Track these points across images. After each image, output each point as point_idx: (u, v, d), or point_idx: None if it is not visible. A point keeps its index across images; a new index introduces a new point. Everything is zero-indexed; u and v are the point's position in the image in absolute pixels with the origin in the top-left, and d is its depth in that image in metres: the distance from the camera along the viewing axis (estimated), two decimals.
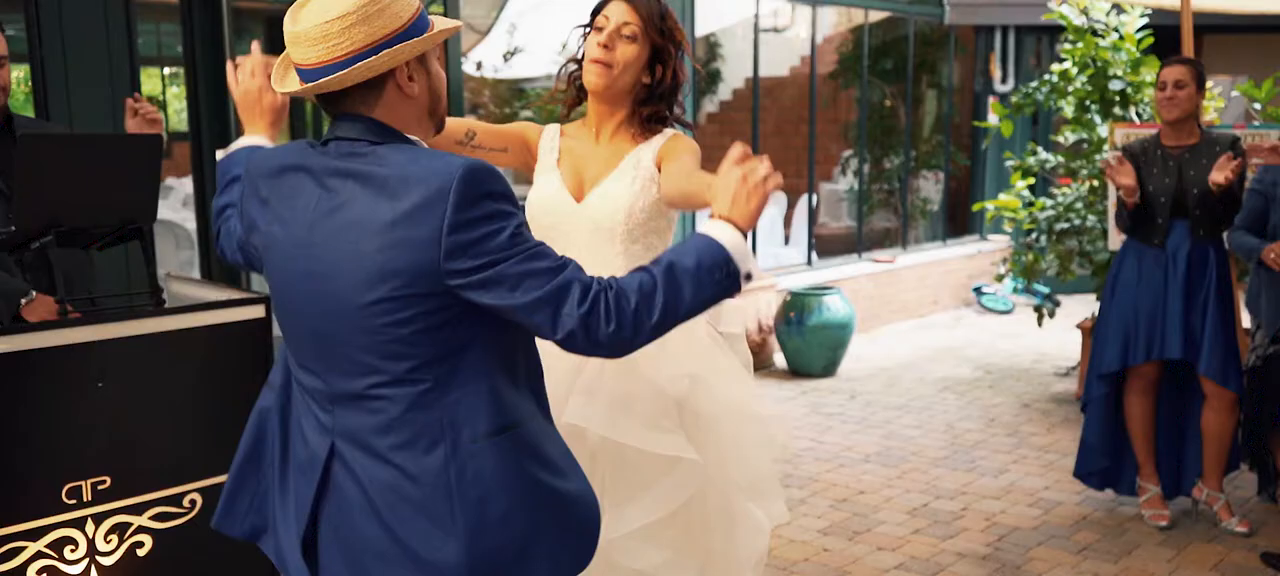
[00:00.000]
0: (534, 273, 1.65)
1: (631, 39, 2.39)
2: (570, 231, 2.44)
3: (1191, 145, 4.23)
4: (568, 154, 2.52)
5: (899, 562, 4.07)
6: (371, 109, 1.73)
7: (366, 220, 1.65)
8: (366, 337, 1.68)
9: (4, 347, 2.39)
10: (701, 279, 1.73)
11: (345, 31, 1.65)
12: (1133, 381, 4.40)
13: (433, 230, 1.61)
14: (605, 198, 2.43)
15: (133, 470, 2.60)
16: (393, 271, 1.63)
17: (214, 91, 5.14)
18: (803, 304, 7.10)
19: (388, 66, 1.69)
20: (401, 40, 1.69)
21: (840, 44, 10.40)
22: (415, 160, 1.67)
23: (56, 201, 2.54)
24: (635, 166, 2.44)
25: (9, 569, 2.43)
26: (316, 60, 1.67)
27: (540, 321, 1.67)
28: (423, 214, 1.61)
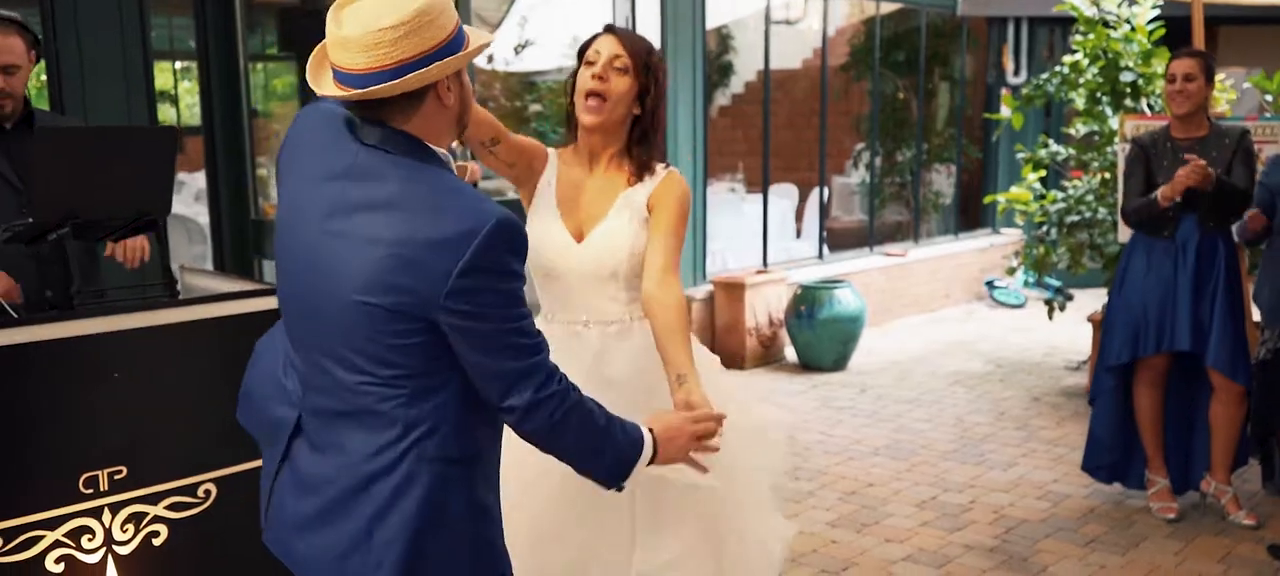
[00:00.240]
0: (516, 347, 1.72)
1: (623, 71, 2.44)
2: (568, 271, 2.50)
3: (1201, 138, 4.23)
4: (563, 183, 2.56)
5: (907, 554, 4.09)
6: (407, 119, 1.74)
7: (388, 232, 1.67)
8: (353, 335, 1.71)
9: (22, 338, 2.43)
10: (612, 462, 1.89)
11: (396, 41, 1.65)
12: (1142, 373, 4.40)
13: (448, 266, 1.64)
14: (606, 239, 2.48)
15: (148, 460, 2.63)
16: (396, 287, 1.66)
17: (226, 86, 5.19)
18: (814, 297, 7.11)
19: (436, 78, 1.72)
20: (447, 53, 1.71)
21: (852, 36, 10.38)
22: (454, 194, 1.71)
23: (73, 194, 2.58)
24: (629, 207, 2.49)
25: (29, 557, 2.47)
26: (364, 66, 1.67)
27: (490, 388, 1.74)
28: (445, 247, 1.64)
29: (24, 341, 2.43)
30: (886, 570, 3.95)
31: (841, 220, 10.22)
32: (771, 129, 8.33)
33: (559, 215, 2.53)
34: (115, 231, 2.80)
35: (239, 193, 5.18)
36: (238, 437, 2.79)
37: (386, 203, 1.69)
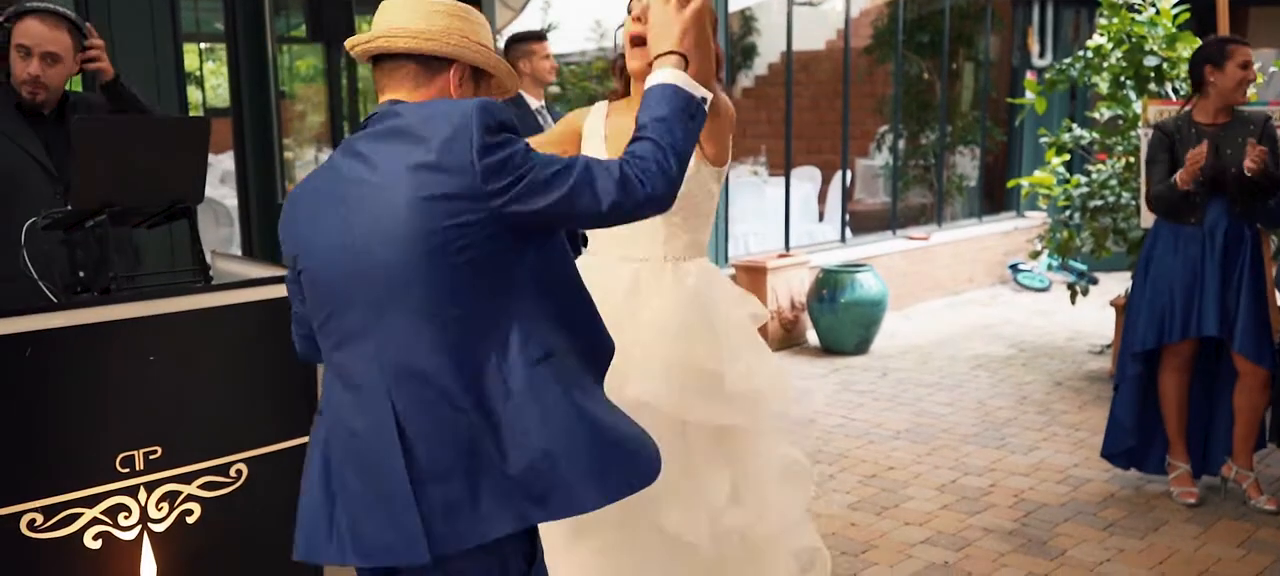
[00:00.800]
0: (558, 172, 1.81)
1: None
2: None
3: (1224, 123, 4.23)
4: (613, 130, 2.66)
5: (926, 537, 4.12)
6: (412, 95, 1.89)
7: (398, 167, 1.78)
8: (417, 284, 1.77)
9: (60, 322, 2.49)
10: (684, 118, 1.91)
11: (432, 15, 1.88)
12: (1168, 359, 4.41)
13: (464, 160, 1.75)
14: None
15: (182, 441, 2.70)
16: (434, 202, 1.75)
17: (255, 67, 5.24)
18: (836, 281, 7.14)
19: (452, 51, 1.87)
20: (474, 48, 1.90)
21: (876, 17, 10.36)
22: (430, 106, 1.84)
23: (110, 182, 2.64)
24: None
25: (68, 533, 2.54)
26: (401, 24, 1.87)
27: (585, 204, 1.82)
28: (450, 146, 1.76)
29: (63, 325, 2.50)
30: (905, 552, 3.99)
31: (864, 203, 10.22)
32: (794, 111, 8.33)
33: (606, 151, 2.63)
34: (150, 219, 2.86)
35: (267, 176, 5.24)
36: (268, 419, 2.87)
37: (386, 149, 1.82)
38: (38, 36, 3.12)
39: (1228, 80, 4.21)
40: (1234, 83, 4.20)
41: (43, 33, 3.12)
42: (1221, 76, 4.21)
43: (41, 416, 2.50)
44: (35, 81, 3.14)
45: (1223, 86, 4.22)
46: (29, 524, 2.50)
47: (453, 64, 1.90)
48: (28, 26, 3.12)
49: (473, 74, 1.94)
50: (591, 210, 1.82)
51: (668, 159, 1.86)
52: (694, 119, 1.93)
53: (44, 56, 3.13)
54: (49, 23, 3.12)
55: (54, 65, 3.15)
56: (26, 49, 3.12)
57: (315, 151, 9.90)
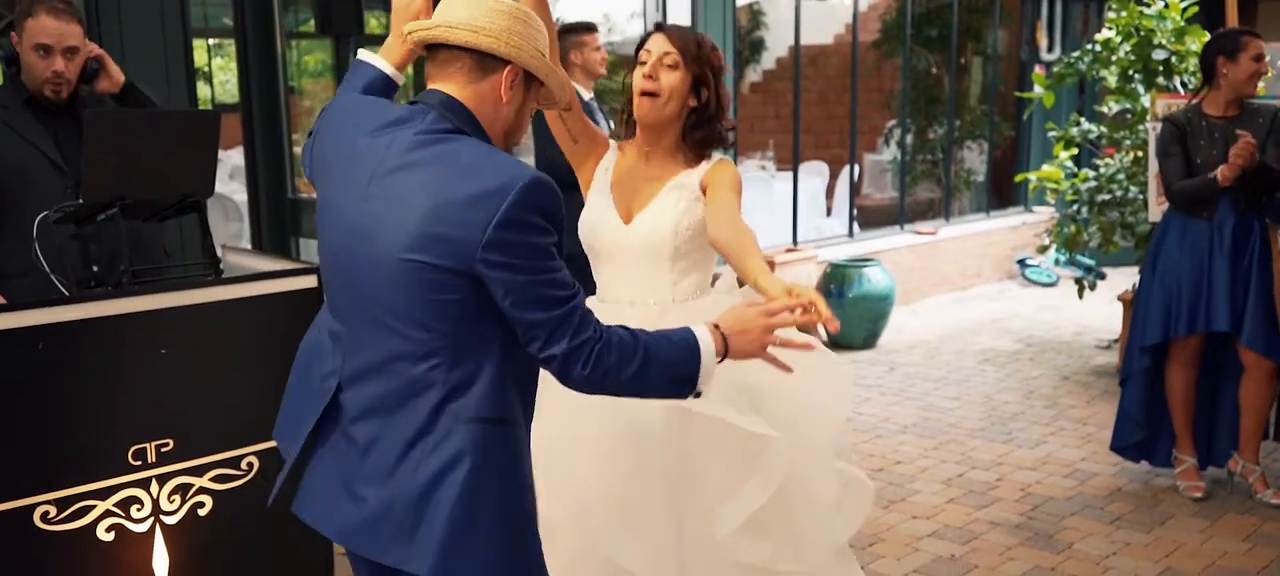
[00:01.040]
0: (549, 298, 1.79)
1: (673, 67, 2.56)
2: (618, 252, 2.62)
3: (1234, 116, 4.23)
4: (619, 170, 2.69)
5: (933, 530, 4.14)
6: (463, 89, 1.89)
7: (429, 189, 1.78)
8: (395, 297, 1.81)
9: (73, 316, 2.52)
10: (668, 378, 1.91)
11: (494, 15, 1.87)
12: (1176, 353, 4.41)
13: (484, 219, 1.73)
14: (652, 218, 2.59)
15: (194, 433, 2.72)
16: (436, 241, 1.76)
17: (264, 63, 5.27)
18: (843, 276, 7.14)
19: (507, 52, 1.87)
20: (528, 53, 1.89)
21: (884, 12, 10.34)
22: (491, 156, 1.82)
23: (121, 176, 2.66)
24: (679, 188, 2.60)
25: (81, 525, 2.57)
26: (460, 20, 1.86)
27: (536, 336, 1.80)
28: (482, 201, 1.74)
29: (76, 319, 2.52)
30: (912, 545, 4.00)
31: (872, 198, 10.22)
32: (802, 105, 8.33)
33: (612, 199, 2.66)
34: (160, 213, 2.88)
35: (276, 171, 5.27)
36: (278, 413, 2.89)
37: (427, 162, 1.81)
38: (57, 33, 3.11)
39: (1240, 72, 4.21)
40: (1247, 75, 4.21)
41: (60, 28, 3.11)
42: (1234, 68, 4.22)
43: (54, 409, 2.53)
44: (59, 78, 3.14)
45: (1235, 78, 4.22)
46: (42, 516, 2.52)
47: (507, 65, 1.89)
48: (44, 25, 3.10)
49: (525, 78, 1.93)
50: (535, 345, 1.82)
51: (621, 378, 1.85)
52: (674, 393, 1.93)
53: (65, 52, 3.13)
54: (62, 16, 3.11)
55: (73, 58, 3.16)
56: (47, 47, 3.11)
57: None
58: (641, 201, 2.63)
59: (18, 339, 2.45)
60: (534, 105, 1.99)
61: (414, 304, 1.80)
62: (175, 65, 4.76)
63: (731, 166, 2.65)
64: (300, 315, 2.90)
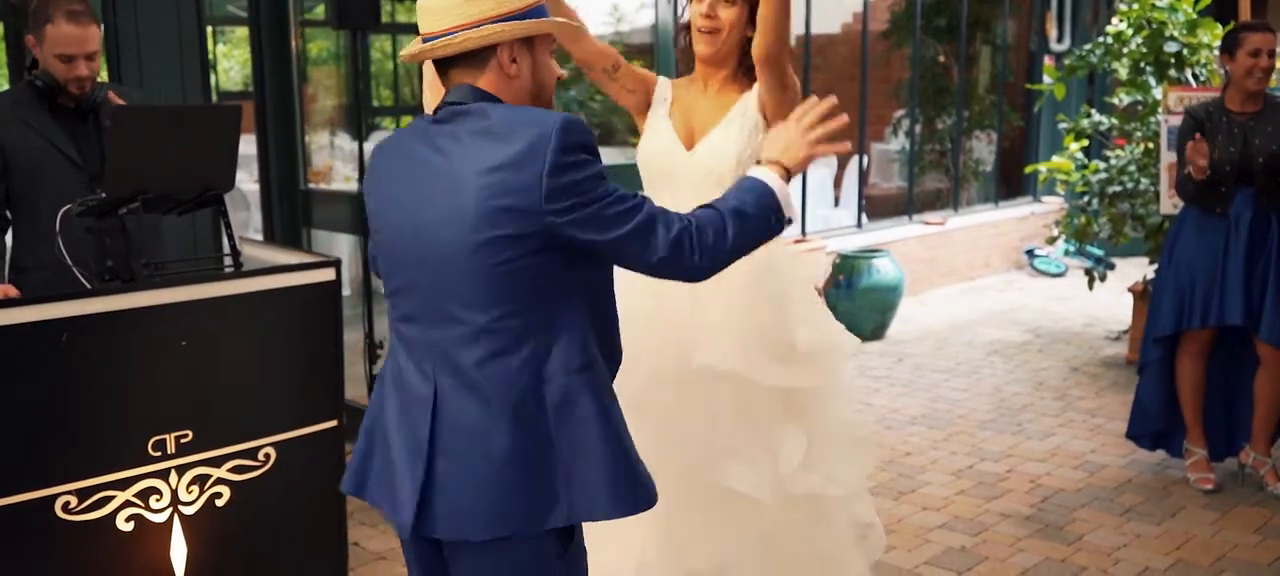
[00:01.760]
0: (622, 212, 1.84)
1: (731, 2, 2.62)
2: (680, 178, 2.68)
3: (1257, 112, 4.22)
4: (678, 104, 2.77)
5: (943, 522, 4.15)
6: (476, 81, 1.91)
7: (472, 165, 1.82)
8: (472, 281, 1.83)
9: (96, 308, 2.54)
10: (759, 222, 1.98)
11: (458, 7, 1.87)
12: (1186, 344, 4.42)
13: (535, 174, 1.78)
14: (713, 146, 2.66)
15: (212, 425, 2.75)
16: (498, 210, 1.79)
17: (277, 53, 5.27)
18: (852, 266, 7.15)
19: (487, 41, 1.88)
20: (507, 22, 1.88)
21: (893, 1, 10.32)
22: (517, 112, 1.87)
23: (143, 170, 2.68)
24: (742, 116, 2.66)
25: (101, 515, 2.59)
26: (432, 29, 1.89)
27: (634, 251, 1.87)
28: (526, 158, 1.79)
29: (98, 311, 2.55)
30: (923, 537, 4.02)
31: (881, 188, 10.20)
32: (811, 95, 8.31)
33: (671, 125, 2.73)
34: (180, 206, 2.90)
35: (288, 161, 5.28)
36: (297, 403, 2.92)
37: (464, 143, 1.85)
38: (78, 40, 3.09)
39: (1238, 68, 4.23)
40: (1243, 70, 4.22)
41: (81, 34, 3.09)
42: (1233, 65, 4.24)
43: (76, 400, 2.55)
44: (81, 81, 3.15)
45: (1235, 74, 4.25)
46: (63, 506, 2.55)
47: (495, 49, 1.90)
48: (65, 33, 3.07)
49: (524, 44, 1.92)
50: (639, 259, 1.89)
51: (725, 246, 1.93)
52: (770, 232, 2.01)
53: (87, 57, 3.13)
54: (82, 21, 3.09)
55: (94, 59, 3.16)
56: (70, 56, 3.10)
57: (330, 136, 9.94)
58: (704, 128, 2.70)
59: (41, 331, 2.47)
60: (548, 56, 1.99)
61: (493, 278, 1.82)
62: (190, 55, 4.77)
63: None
64: (317, 306, 2.94)
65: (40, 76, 3.14)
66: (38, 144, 3.17)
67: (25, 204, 3.17)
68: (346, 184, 6.80)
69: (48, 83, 3.14)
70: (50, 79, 3.13)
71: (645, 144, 2.78)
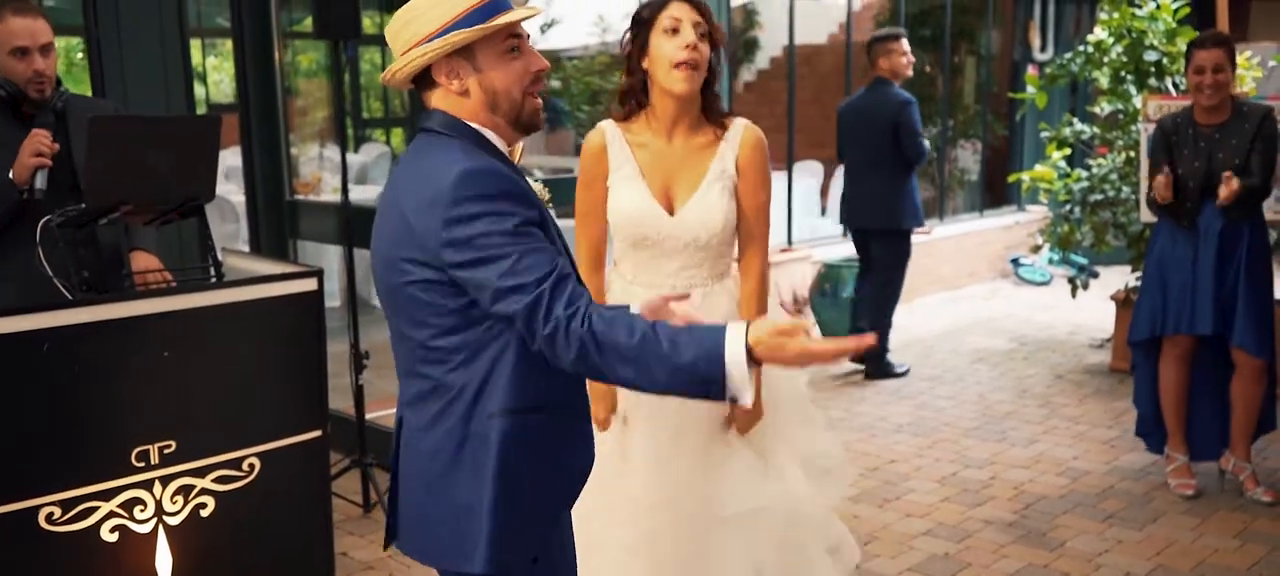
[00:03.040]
0: (515, 288, 1.72)
1: (705, 37, 2.51)
2: (662, 241, 2.60)
3: (1222, 123, 4.26)
4: (644, 158, 2.61)
5: (927, 529, 4.17)
6: (436, 104, 1.90)
7: (403, 202, 1.83)
8: (404, 305, 1.86)
9: (78, 319, 2.55)
10: (682, 378, 1.70)
11: (396, 34, 1.85)
12: (1167, 350, 4.46)
13: (438, 222, 1.76)
14: (698, 213, 2.58)
15: (196, 435, 2.75)
16: (412, 249, 1.80)
17: (261, 64, 5.27)
18: (838, 275, 7.17)
19: (419, 67, 1.84)
20: (425, 45, 1.83)
21: (878, 11, 10.37)
22: (441, 159, 1.81)
23: (124, 181, 2.69)
24: (721, 177, 2.58)
25: (86, 526, 2.60)
26: (393, 58, 1.88)
27: (522, 328, 1.75)
28: (431, 207, 1.77)
29: (79, 321, 2.55)
30: (907, 543, 4.04)
31: None
32: (796, 105, 8.36)
33: (646, 185, 2.60)
34: (161, 217, 2.90)
35: (273, 172, 5.28)
36: (281, 413, 2.92)
37: (403, 179, 1.87)
38: (29, 32, 3.09)
39: (1190, 83, 4.31)
40: (1192, 87, 4.30)
41: (31, 26, 3.09)
42: (1187, 80, 4.32)
43: (59, 411, 2.56)
44: (41, 77, 3.13)
45: (1189, 89, 4.33)
46: (47, 516, 2.55)
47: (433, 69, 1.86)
48: (14, 27, 3.07)
49: (462, 58, 1.84)
50: (502, 317, 1.76)
51: (607, 370, 1.72)
52: (693, 394, 1.74)
53: (41, 49, 3.11)
54: (28, 14, 3.09)
55: (49, 54, 3.14)
56: (24, 49, 3.09)
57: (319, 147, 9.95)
58: (684, 190, 2.59)
59: (23, 341, 2.48)
60: (500, 59, 1.86)
61: (417, 310, 1.83)
62: (173, 66, 4.77)
63: (757, 138, 2.64)
64: (300, 316, 2.94)
65: (3, 83, 3.12)
66: (4, 154, 3.13)
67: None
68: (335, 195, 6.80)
69: (10, 90, 3.12)
70: (12, 86, 3.11)
71: (620, 204, 2.61)
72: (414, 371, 1.90)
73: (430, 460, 1.89)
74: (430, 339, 1.84)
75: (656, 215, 2.59)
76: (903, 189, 6.23)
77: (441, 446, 1.87)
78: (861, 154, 6.37)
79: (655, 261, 2.64)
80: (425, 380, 1.88)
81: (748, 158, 2.61)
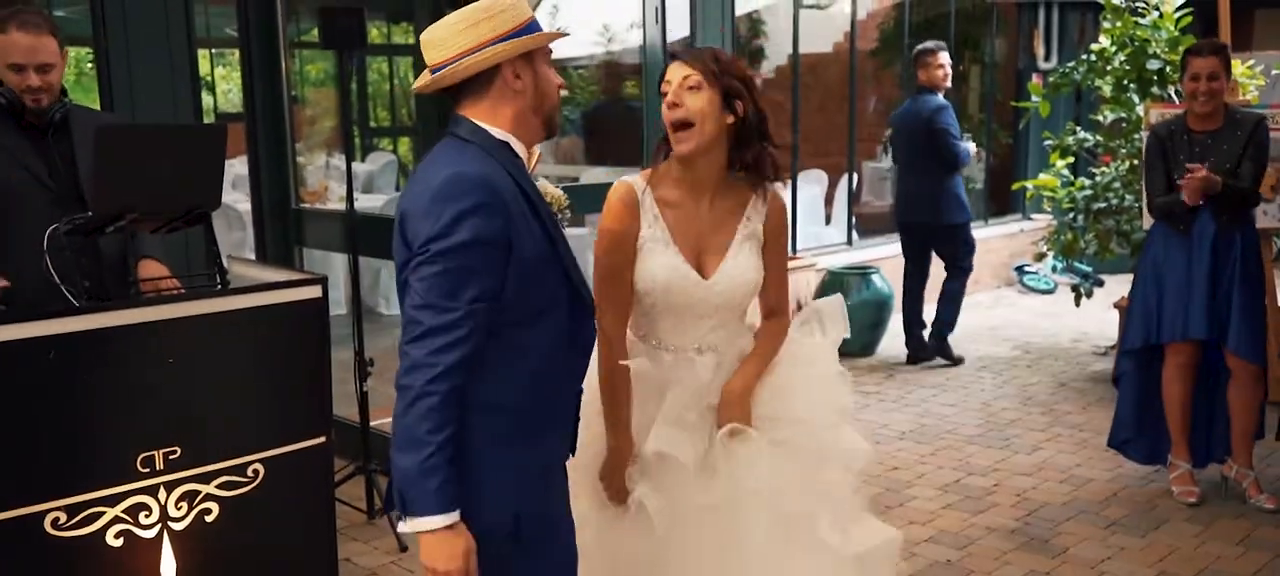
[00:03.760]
0: (418, 309, 1.90)
1: (696, 88, 2.43)
2: (696, 305, 2.55)
3: (1215, 130, 4.29)
4: (673, 218, 2.54)
5: (929, 536, 4.18)
6: (479, 103, 2.03)
7: (406, 205, 1.99)
8: (405, 297, 1.99)
9: (84, 326, 2.57)
10: (397, 479, 1.91)
11: (458, 34, 1.99)
12: (1171, 358, 4.46)
13: (425, 229, 1.91)
14: (734, 276, 2.55)
15: (201, 441, 2.77)
16: (402, 250, 1.97)
17: (268, 74, 5.31)
18: (842, 283, 7.18)
19: (493, 61, 1.98)
20: (506, 41, 1.99)
21: (882, 20, 10.40)
22: (446, 161, 1.97)
23: (130, 188, 2.71)
24: (751, 236, 2.56)
25: (91, 531, 2.61)
26: (439, 60, 2.01)
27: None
28: (428, 210, 1.92)
29: (86, 328, 2.57)
30: (909, 551, 4.04)
31: (871, 205, 10.25)
32: (802, 114, 8.38)
33: (676, 248, 2.53)
34: (167, 225, 2.93)
35: (280, 180, 5.31)
36: (285, 419, 2.94)
37: (413, 180, 2.01)
38: (28, 49, 3.09)
39: (1185, 91, 4.35)
40: (1188, 93, 4.33)
41: (32, 43, 3.09)
42: (1184, 87, 4.33)
43: (65, 418, 2.57)
44: (36, 92, 3.13)
45: (1185, 96, 4.36)
46: (53, 522, 2.57)
47: (500, 68, 2.01)
48: (15, 41, 3.07)
49: (525, 60, 2.02)
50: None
51: (395, 422, 1.90)
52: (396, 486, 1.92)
53: (38, 68, 3.12)
54: (33, 30, 3.09)
55: (50, 72, 3.14)
56: (19, 66, 3.10)
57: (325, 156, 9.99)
58: (715, 253, 2.54)
59: (29, 349, 2.50)
60: (547, 67, 2.08)
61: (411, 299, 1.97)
62: (181, 75, 4.81)
63: (784, 208, 2.64)
64: (305, 324, 2.96)
65: (3, 92, 3.13)
66: (7, 164, 3.15)
67: None
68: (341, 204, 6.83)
69: (9, 98, 3.13)
70: (11, 94, 3.13)
71: (654, 272, 2.52)
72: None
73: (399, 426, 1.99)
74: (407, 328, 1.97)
75: (689, 280, 2.52)
76: (945, 188, 6.79)
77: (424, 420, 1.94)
78: (907, 157, 7.01)
79: (684, 326, 2.58)
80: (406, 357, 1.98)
81: (775, 225, 2.59)
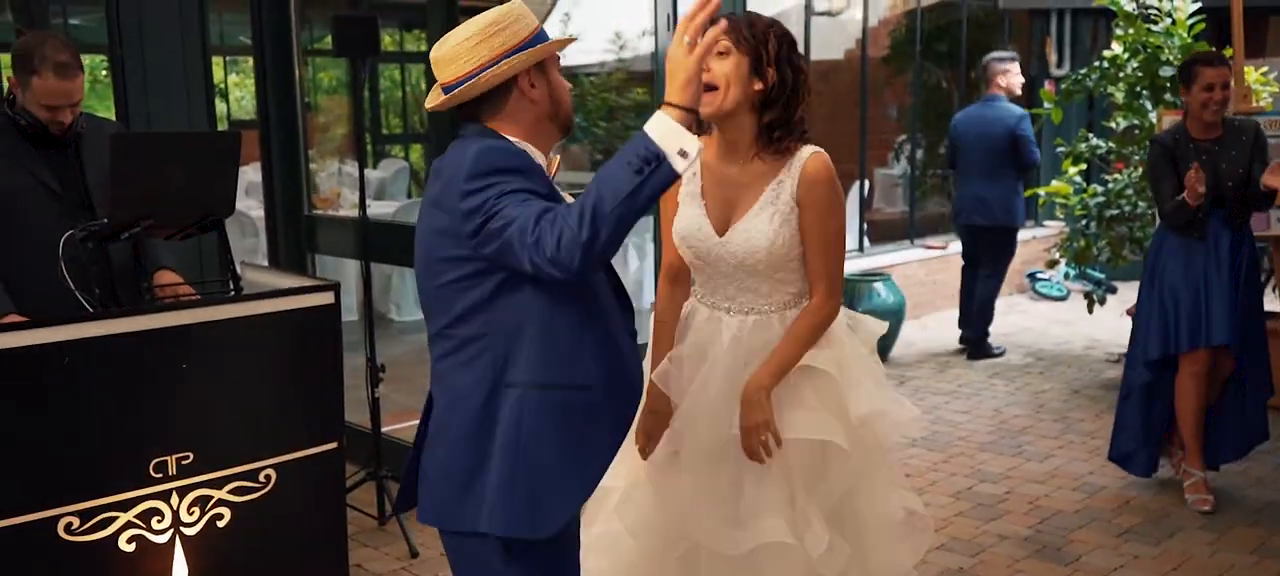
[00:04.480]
0: (502, 226, 1.89)
1: (724, 54, 2.43)
2: (716, 262, 2.60)
3: (1218, 138, 4.31)
4: (709, 179, 2.60)
5: (942, 542, 4.17)
6: (497, 114, 2.06)
7: (431, 194, 2.06)
8: (430, 294, 2.05)
9: (98, 331, 2.59)
10: (623, 173, 1.80)
11: (473, 49, 2.01)
12: (1186, 366, 4.45)
13: (454, 202, 1.94)
14: (746, 235, 2.54)
15: (213, 446, 2.79)
16: (436, 234, 2.01)
17: (281, 81, 5.33)
18: (853, 290, 7.17)
19: (510, 73, 2.02)
20: (519, 53, 2.02)
21: (894, 28, 10.39)
22: (460, 149, 2.01)
23: (146, 196, 2.73)
24: (775, 201, 2.52)
25: (104, 536, 2.63)
26: (454, 76, 2.04)
27: (517, 261, 1.89)
28: (449, 188, 1.96)
29: (100, 334, 2.59)
30: (921, 558, 4.02)
31: (883, 212, 10.24)
32: (813, 121, 8.36)
33: (704, 207, 2.61)
34: (181, 231, 2.95)
35: (293, 187, 5.33)
36: (297, 425, 2.96)
37: (433, 175, 2.05)
38: (63, 94, 3.11)
39: (1193, 101, 4.32)
40: (1198, 104, 4.31)
41: (66, 88, 3.12)
42: (1189, 97, 4.34)
43: (78, 422, 2.59)
44: (63, 126, 3.17)
45: (1191, 106, 4.35)
46: (66, 527, 2.59)
47: (515, 80, 2.04)
48: (51, 87, 3.09)
49: (537, 68, 2.06)
50: (522, 268, 1.89)
51: (585, 228, 1.79)
52: (642, 174, 1.79)
53: (71, 106, 3.15)
54: (67, 76, 3.10)
55: (77, 106, 3.18)
56: (55, 106, 3.12)
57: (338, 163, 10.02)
58: (737, 212, 2.56)
59: (43, 354, 2.52)
60: (558, 73, 2.12)
61: (440, 297, 2.02)
62: (195, 83, 4.85)
63: (822, 169, 2.52)
64: (316, 329, 2.98)
65: (23, 116, 3.15)
66: (17, 174, 3.17)
67: (1, 233, 3.16)
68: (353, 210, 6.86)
69: (31, 122, 3.15)
70: (33, 119, 3.15)
71: (677, 223, 2.65)
72: (444, 351, 2.06)
73: (447, 426, 2.06)
74: (457, 315, 2.00)
75: (707, 235, 2.58)
76: (1014, 192, 7.01)
77: (462, 412, 2.03)
78: (976, 161, 7.05)
79: (713, 282, 2.64)
80: (454, 356, 2.03)
81: (807, 190, 2.52)
